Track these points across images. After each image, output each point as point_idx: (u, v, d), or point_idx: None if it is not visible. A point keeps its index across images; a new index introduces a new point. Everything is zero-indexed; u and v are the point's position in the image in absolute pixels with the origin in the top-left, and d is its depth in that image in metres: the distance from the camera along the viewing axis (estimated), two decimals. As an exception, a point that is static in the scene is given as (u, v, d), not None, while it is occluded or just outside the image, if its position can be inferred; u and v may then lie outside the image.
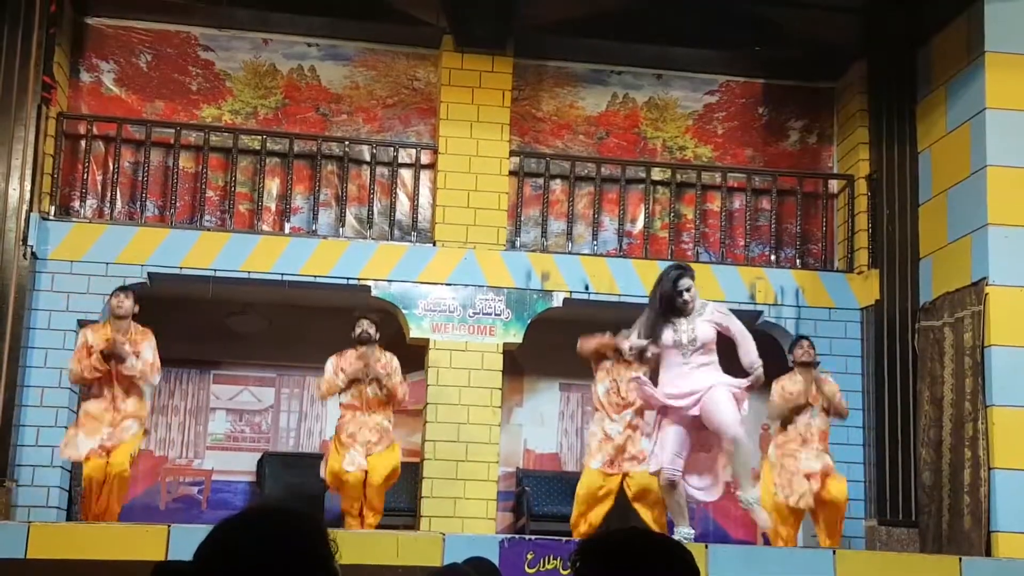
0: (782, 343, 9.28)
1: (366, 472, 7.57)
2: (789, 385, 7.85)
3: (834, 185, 9.80)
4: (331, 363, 7.81)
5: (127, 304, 7.41)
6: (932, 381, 8.59)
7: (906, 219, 9.11)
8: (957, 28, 8.70)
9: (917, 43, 9.19)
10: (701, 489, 6.90)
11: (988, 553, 7.68)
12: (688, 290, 6.65)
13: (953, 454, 8.31)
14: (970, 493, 8.02)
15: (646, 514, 7.63)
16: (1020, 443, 7.86)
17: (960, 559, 6.63)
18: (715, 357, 6.80)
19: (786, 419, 7.80)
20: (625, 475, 7.69)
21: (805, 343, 8.00)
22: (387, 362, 7.82)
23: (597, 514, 7.66)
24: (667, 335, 6.69)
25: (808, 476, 7.61)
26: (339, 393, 7.81)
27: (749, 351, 6.70)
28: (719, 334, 6.80)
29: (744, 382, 6.72)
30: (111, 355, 7.25)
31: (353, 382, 7.74)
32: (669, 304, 6.66)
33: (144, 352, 7.38)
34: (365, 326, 7.77)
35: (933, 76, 9.01)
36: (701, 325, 6.68)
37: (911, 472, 8.71)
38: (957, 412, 8.30)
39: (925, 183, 9.05)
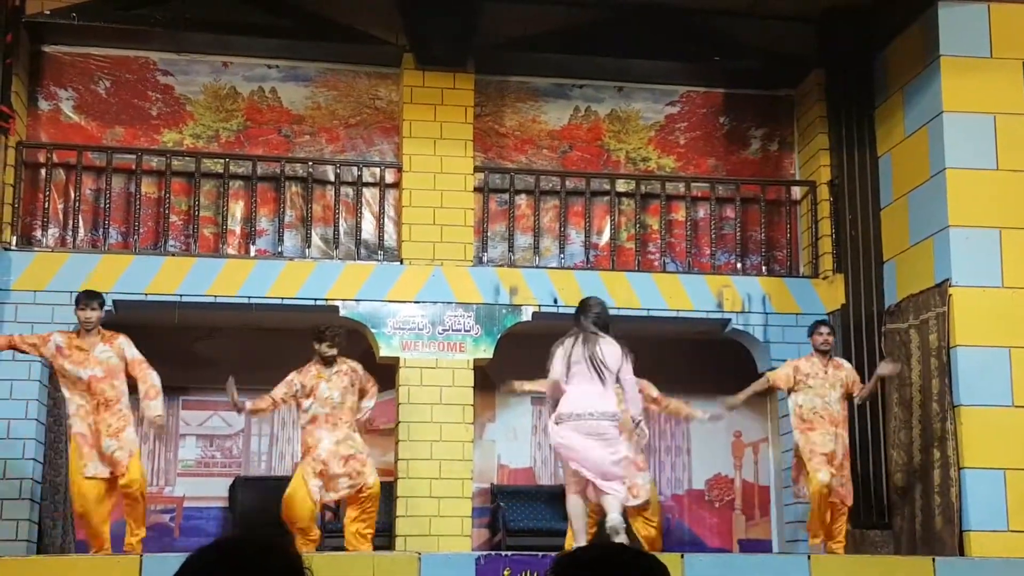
0: (751, 350, 9.35)
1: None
2: (804, 367, 7.90)
3: (796, 192, 9.88)
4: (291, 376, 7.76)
5: (94, 316, 7.21)
6: (900, 383, 8.66)
7: (868, 223, 9.19)
8: (911, 34, 8.81)
9: (873, 49, 9.29)
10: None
11: (961, 553, 7.73)
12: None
13: (923, 455, 8.37)
14: (941, 493, 8.07)
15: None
16: (988, 442, 7.93)
17: (934, 559, 6.66)
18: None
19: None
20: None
21: (825, 329, 8.00)
22: (352, 368, 7.79)
23: None
24: None
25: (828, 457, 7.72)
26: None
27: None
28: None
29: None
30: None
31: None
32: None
33: (128, 351, 7.22)
34: (330, 338, 7.74)
35: (890, 81, 9.11)
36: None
37: (883, 474, 8.77)
38: (925, 413, 8.36)
39: (886, 187, 9.14)
